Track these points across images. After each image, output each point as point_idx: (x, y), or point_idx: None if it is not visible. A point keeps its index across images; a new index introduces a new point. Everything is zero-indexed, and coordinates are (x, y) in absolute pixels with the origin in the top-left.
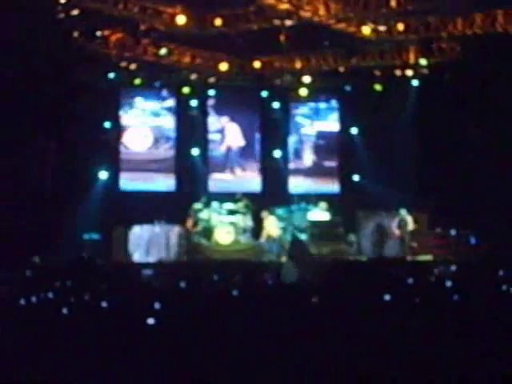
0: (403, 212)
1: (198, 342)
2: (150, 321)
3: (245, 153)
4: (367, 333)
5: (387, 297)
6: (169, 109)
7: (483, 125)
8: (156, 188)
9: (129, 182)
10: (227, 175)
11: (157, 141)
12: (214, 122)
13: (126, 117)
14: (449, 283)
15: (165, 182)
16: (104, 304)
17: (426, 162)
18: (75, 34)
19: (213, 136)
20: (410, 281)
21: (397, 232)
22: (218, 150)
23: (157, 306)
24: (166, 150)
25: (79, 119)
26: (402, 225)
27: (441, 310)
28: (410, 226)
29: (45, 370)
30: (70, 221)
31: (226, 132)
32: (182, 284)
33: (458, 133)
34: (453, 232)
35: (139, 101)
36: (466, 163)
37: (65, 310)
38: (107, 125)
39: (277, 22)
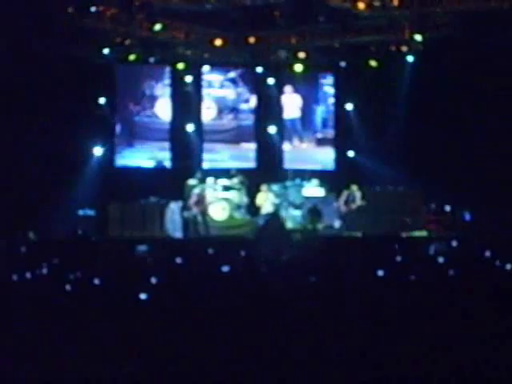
0: (354, 187)
1: (189, 319)
2: (143, 296)
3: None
4: (360, 310)
5: (380, 272)
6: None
7: (478, 100)
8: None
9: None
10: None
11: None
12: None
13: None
14: (441, 259)
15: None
16: (97, 281)
17: (420, 137)
18: (70, 10)
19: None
20: (403, 257)
21: (343, 208)
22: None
23: (152, 281)
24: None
25: (74, 95)
26: (349, 200)
27: (435, 285)
28: (358, 201)
29: (38, 346)
30: (65, 196)
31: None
32: (178, 260)
33: (453, 108)
34: (447, 208)
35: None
36: (461, 139)
37: (59, 286)
38: (102, 100)
39: None
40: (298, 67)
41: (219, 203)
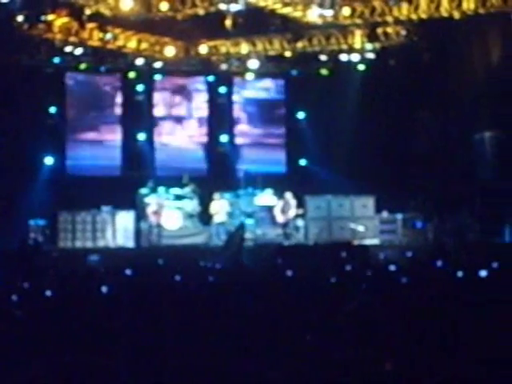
0: (288, 195)
1: (143, 329)
2: (95, 305)
3: None
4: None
5: (333, 279)
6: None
7: (430, 109)
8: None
9: None
10: None
11: None
12: None
13: None
14: (393, 267)
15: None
16: (48, 292)
17: (371, 146)
18: (19, 19)
19: None
20: (356, 265)
21: (281, 217)
22: None
23: (103, 290)
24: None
25: (24, 104)
26: (285, 209)
27: (385, 293)
28: (293, 211)
29: None
30: (16, 206)
31: None
32: (129, 271)
33: (404, 117)
34: (399, 216)
35: None
36: (412, 148)
37: (7, 297)
38: (53, 110)
39: (223, 6)
40: (250, 76)
41: (172, 212)
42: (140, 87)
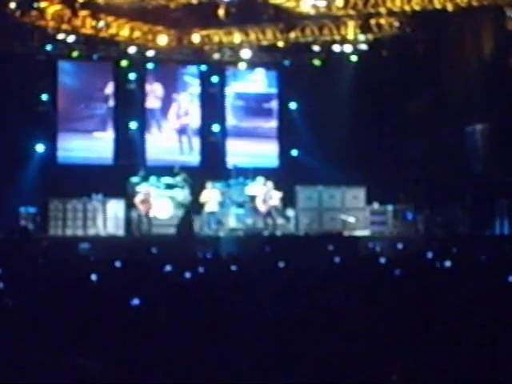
0: (269, 185)
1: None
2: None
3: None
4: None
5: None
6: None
7: (422, 100)
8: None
9: None
10: None
11: None
12: None
13: None
14: (383, 259)
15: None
16: (39, 278)
17: (363, 137)
18: (12, 6)
19: None
20: (344, 256)
21: (263, 207)
22: None
23: (93, 278)
24: None
25: (16, 91)
26: (267, 199)
27: (374, 285)
28: (275, 200)
29: None
30: (7, 193)
31: None
32: (120, 259)
33: (396, 109)
34: (390, 207)
35: None
36: (404, 139)
37: None
38: (44, 97)
39: None
40: (242, 65)
41: (162, 201)
42: (132, 76)
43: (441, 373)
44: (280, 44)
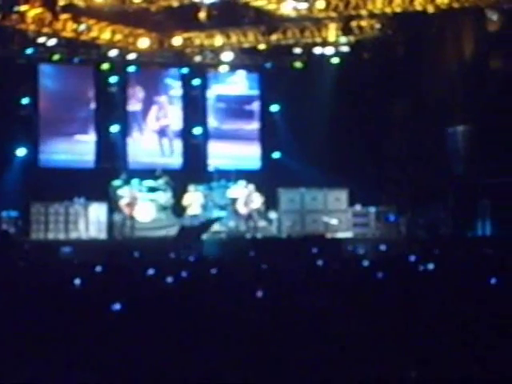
0: (250, 188)
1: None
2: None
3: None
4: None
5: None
6: None
7: (404, 102)
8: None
9: None
10: None
11: None
12: None
13: None
14: (366, 262)
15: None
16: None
17: (345, 139)
18: None
19: None
20: (326, 258)
21: (244, 209)
22: None
23: (76, 282)
24: None
25: None
26: (248, 201)
27: (357, 288)
28: (257, 203)
29: None
30: None
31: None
32: (102, 263)
33: (377, 111)
34: (372, 209)
35: None
36: (386, 141)
37: None
38: (25, 101)
39: None
40: (224, 68)
41: (145, 204)
42: (113, 79)
43: (423, 374)
44: (261, 46)
